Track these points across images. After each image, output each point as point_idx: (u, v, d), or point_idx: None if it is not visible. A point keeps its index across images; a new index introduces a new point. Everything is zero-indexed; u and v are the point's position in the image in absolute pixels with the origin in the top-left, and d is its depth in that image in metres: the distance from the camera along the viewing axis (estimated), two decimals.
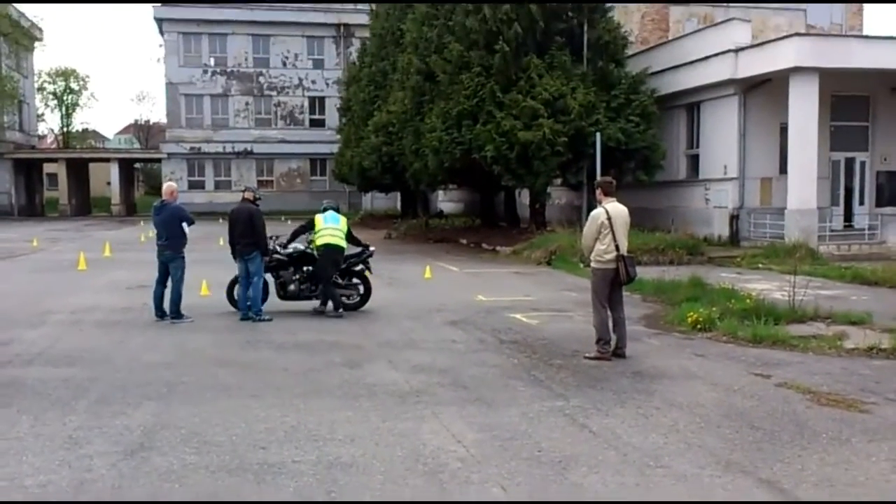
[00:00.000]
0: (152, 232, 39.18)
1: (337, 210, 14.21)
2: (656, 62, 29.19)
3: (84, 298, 15.64)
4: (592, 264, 10.50)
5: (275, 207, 57.56)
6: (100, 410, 7.61)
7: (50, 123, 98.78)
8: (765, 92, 26.15)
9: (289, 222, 49.09)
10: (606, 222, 10.17)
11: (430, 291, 16.54)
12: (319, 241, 13.70)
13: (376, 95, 38.80)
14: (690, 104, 29.04)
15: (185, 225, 13.13)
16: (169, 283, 13.27)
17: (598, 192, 10.66)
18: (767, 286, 17.00)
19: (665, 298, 15.44)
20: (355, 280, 14.36)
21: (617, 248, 10.16)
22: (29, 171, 63.11)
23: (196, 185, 60.71)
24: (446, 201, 52.33)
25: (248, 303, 13.24)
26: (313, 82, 62.17)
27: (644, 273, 17.40)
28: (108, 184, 64.64)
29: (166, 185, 13.87)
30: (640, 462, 6.30)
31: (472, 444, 6.70)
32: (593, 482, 5.86)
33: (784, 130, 25.56)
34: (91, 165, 68.40)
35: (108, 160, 64.49)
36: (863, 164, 27.86)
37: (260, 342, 11.25)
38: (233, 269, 13.79)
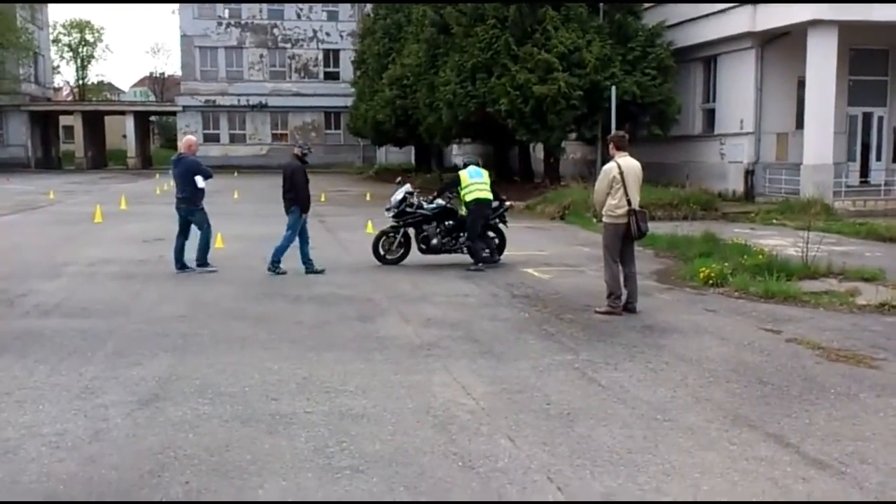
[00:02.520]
0: (167, 185, 39.29)
1: (478, 164, 14.48)
2: (673, 14, 28.82)
3: (100, 251, 15.78)
4: (604, 219, 10.48)
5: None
6: (116, 361, 7.72)
7: (65, 76, 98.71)
8: (782, 45, 25.83)
9: None
10: (618, 177, 10.11)
11: None
12: (469, 197, 13.91)
13: (391, 48, 38.57)
14: (707, 57, 28.73)
15: (198, 178, 13.14)
16: (194, 236, 13.49)
17: (610, 146, 10.65)
18: (781, 242, 16.96)
19: (678, 254, 15.44)
20: (490, 233, 14.56)
21: (629, 202, 10.10)
22: (45, 123, 63.26)
23: (211, 138, 60.75)
24: (460, 155, 52.05)
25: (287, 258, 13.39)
26: (327, 34, 61.82)
27: (657, 228, 17.43)
28: (124, 137, 64.75)
29: (185, 139, 13.94)
30: (647, 415, 6.36)
31: (481, 396, 6.78)
32: (601, 434, 5.92)
33: (801, 85, 25.26)
34: (107, 118, 68.51)
35: (123, 113, 64.64)
36: (880, 119, 27.57)
37: (275, 295, 11.35)
38: (244, 221, 13.84)
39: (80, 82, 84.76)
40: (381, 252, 14.37)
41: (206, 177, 13.29)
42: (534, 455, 5.51)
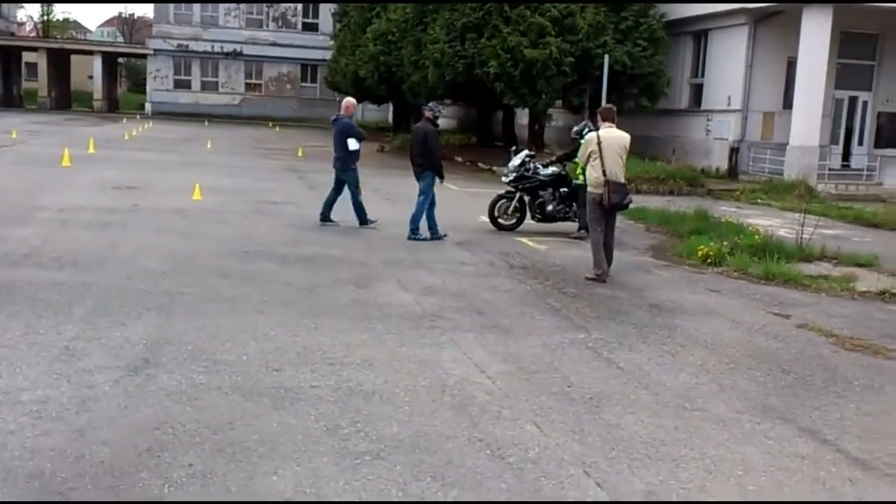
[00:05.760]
0: (137, 130, 38.15)
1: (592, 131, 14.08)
2: None
3: (71, 197, 15.04)
4: (588, 188, 10.59)
5: (262, 112, 56.55)
6: (96, 320, 7.16)
7: (29, 10, 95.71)
8: (775, 24, 25.43)
9: (277, 129, 48.16)
10: (596, 147, 10.24)
11: None
12: None
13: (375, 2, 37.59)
14: (698, 32, 28.26)
15: (351, 141, 13.22)
16: (346, 194, 13.52)
17: (598, 117, 10.90)
18: (769, 222, 16.72)
19: (670, 229, 15.13)
20: None
21: (604, 173, 10.14)
22: (6, 59, 61.05)
23: (182, 85, 59.17)
24: (440, 117, 51.38)
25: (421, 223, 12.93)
26: None
27: (646, 202, 17.16)
28: (90, 78, 62.73)
29: (344, 101, 14.08)
30: (674, 403, 5.99)
31: (497, 375, 6.36)
32: (630, 423, 5.54)
33: (791, 65, 24.97)
34: (73, 58, 66.32)
35: (90, 53, 62.39)
36: (865, 103, 27.32)
37: (260, 253, 10.78)
38: (220, 173, 13.25)
39: (45, 18, 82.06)
40: (496, 216, 14.08)
41: (360, 139, 13.45)
42: (564, 444, 5.11)
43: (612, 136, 10.37)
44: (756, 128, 26.26)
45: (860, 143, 27.53)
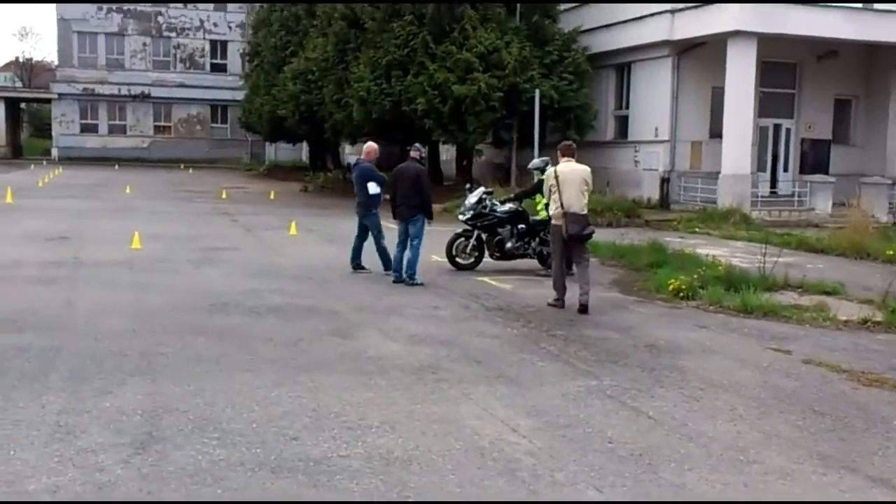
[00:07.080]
0: (49, 177, 36.48)
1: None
2: (589, 19, 28.51)
3: (4, 251, 14.04)
4: (552, 221, 11.02)
5: (172, 155, 55.18)
6: (79, 388, 6.44)
7: None
8: (698, 55, 25.86)
9: (190, 171, 46.92)
10: (554, 182, 10.64)
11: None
12: None
13: (289, 41, 37.08)
14: (620, 64, 28.56)
15: (371, 185, 12.94)
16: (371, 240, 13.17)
17: (558, 153, 11.08)
18: (717, 251, 16.64)
19: (626, 262, 14.93)
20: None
21: (562, 205, 10.49)
22: None
23: (89, 129, 57.37)
24: (355, 154, 50.86)
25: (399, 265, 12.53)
26: (215, 25, 59.32)
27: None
28: None
29: (365, 145, 13.80)
30: (727, 456, 5.62)
31: (529, 433, 5.89)
32: (694, 482, 5.14)
33: (716, 94, 25.42)
34: None
35: None
36: (788, 130, 27.99)
37: (226, 305, 10.09)
38: (151, 219, 12.49)
39: None
40: (454, 255, 13.70)
41: (380, 183, 13.08)
42: None
43: (570, 170, 10.71)
44: (684, 157, 26.55)
45: (785, 169, 28.10)
